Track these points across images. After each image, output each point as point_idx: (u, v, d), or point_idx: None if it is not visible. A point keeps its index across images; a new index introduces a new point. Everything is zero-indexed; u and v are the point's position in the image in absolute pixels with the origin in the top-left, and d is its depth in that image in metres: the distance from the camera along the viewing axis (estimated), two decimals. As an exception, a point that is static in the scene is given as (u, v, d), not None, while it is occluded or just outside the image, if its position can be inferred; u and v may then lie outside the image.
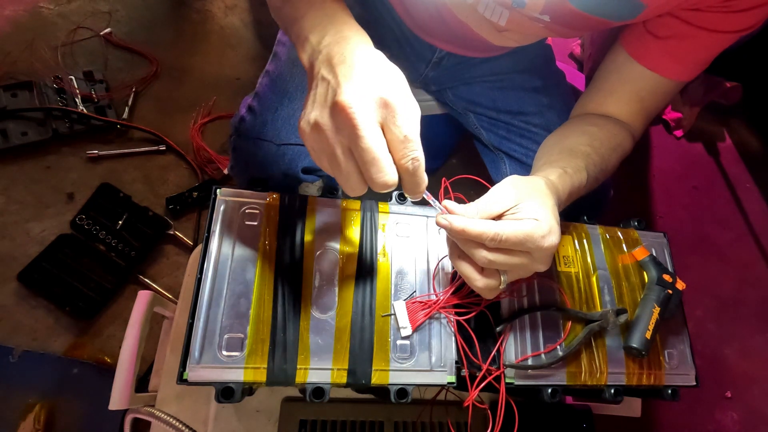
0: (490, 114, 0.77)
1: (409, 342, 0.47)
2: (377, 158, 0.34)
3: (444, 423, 0.58)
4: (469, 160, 1.27)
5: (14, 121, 1.02)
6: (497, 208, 0.43)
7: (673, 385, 0.54)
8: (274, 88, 0.65)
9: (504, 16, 0.57)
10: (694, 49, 0.56)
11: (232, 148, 0.65)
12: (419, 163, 0.36)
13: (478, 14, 0.58)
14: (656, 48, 0.57)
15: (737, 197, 1.50)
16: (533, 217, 0.41)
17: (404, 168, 0.36)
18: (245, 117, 0.64)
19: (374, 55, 0.39)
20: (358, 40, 0.40)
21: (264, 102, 0.64)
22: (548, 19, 0.54)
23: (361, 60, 0.38)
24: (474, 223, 0.40)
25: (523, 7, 0.53)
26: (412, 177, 0.36)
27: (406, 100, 0.36)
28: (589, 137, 0.57)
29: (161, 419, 0.51)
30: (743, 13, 0.50)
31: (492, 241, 0.40)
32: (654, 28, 0.56)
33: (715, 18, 0.52)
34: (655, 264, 0.57)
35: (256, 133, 0.62)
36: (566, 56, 1.53)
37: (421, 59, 0.74)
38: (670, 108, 1.54)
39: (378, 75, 0.37)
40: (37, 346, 0.92)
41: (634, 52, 0.59)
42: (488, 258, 0.41)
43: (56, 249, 0.97)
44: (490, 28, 0.61)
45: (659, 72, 0.58)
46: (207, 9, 1.33)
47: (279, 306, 0.45)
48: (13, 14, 1.17)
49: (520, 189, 0.44)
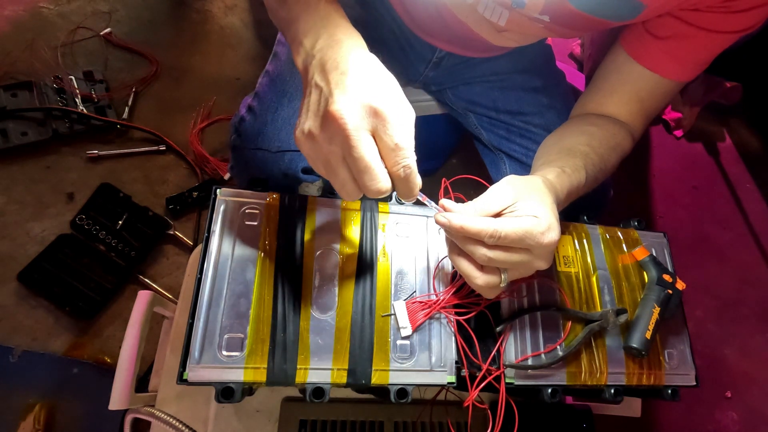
0: (490, 114, 0.77)
1: (409, 342, 0.47)
2: (369, 167, 0.35)
3: (444, 423, 0.58)
4: (469, 160, 1.27)
5: (14, 121, 1.02)
6: (495, 206, 0.43)
7: (673, 385, 0.54)
8: (273, 88, 0.65)
9: (504, 17, 0.57)
10: (694, 50, 0.55)
11: (231, 148, 0.65)
12: (411, 171, 0.37)
13: (477, 14, 0.58)
14: (656, 48, 0.57)
15: (737, 197, 1.50)
16: (532, 214, 0.41)
17: (396, 175, 0.37)
18: (245, 117, 0.64)
19: (366, 61, 0.39)
20: (352, 43, 0.40)
21: (264, 102, 0.64)
22: (548, 19, 0.54)
23: (353, 66, 0.38)
24: (472, 220, 0.40)
25: (523, 7, 0.53)
26: (405, 183, 0.37)
27: (396, 107, 0.37)
28: (588, 137, 0.57)
29: (161, 419, 0.51)
30: (743, 14, 0.50)
31: (491, 238, 0.40)
32: (654, 29, 0.56)
33: (715, 18, 0.51)
34: (655, 264, 0.57)
35: (256, 133, 0.63)
36: (566, 56, 1.53)
37: (420, 59, 0.74)
38: (670, 108, 1.54)
39: (368, 82, 0.37)
40: (37, 346, 0.92)
41: (634, 52, 0.59)
42: (488, 255, 0.41)
43: (56, 249, 0.97)
44: (489, 29, 0.61)
45: (659, 72, 0.58)
46: (207, 9, 1.33)
47: (279, 306, 0.45)
48: (13, 14, 1.17)
49: (517, 187, 0.44)
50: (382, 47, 0.73)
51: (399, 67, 0.77)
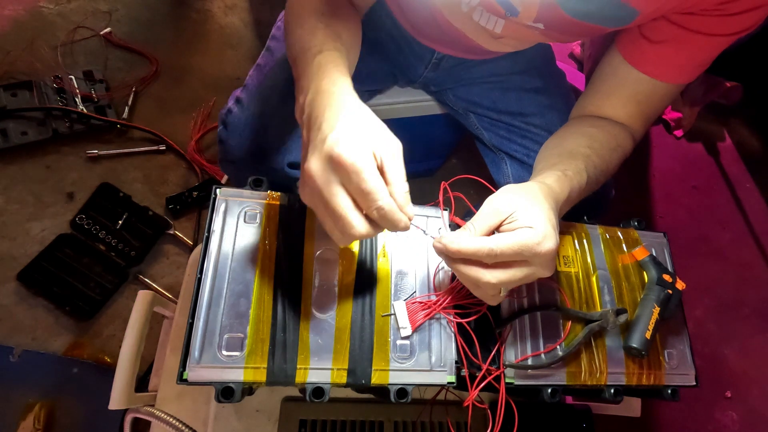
0: (491, 115, 0.77)
1: (409, 342, 0.47)
2: (342, 216, 0.38)
3: (444, 423, 0.58)
4: (469, 160, 1.27)
5: (14, 120, 1.02)
6: (494, 220, 0.43)
7: (673, 385, 0.54)
8: (263, 81, 0.66)
9: (499, 25, 0.57)
10: (691, 53, 0.54)
11: (219, 140, 0.65)
12: (385, 211, 0.37)
13: (473, 22, 0.58)
14: (652, 52, 0.56)
15: (737, 197, 1.50)
16: (527, 225, 0.41)
17: (373, 217, 0.38)
18: (233, 109, 0.65)
19: (341, 111, 0.40)
20: (334, 92, 0.42)
21: (252, 94, 0.65)
22: (542, 26, 0.53)
23: (326, 120, 0.40)
24: (468, 242, 0.40)
25: (517, 15, 0.53)
26: (385, 222, 0.38)
27: (360, 155, 0.37)
28: (589, 139, 0.57)
29: (161, 419, 0.51)
30: (739, 16, 0.49)
31: (489, 257, 0.40)
32: (649, 33, 0.55)
33: (710, 21, 0.50)
34: (655, 264, 0.57)
35: (243, 125, 0.63)
36: (566, 56, 1.53)
37: (420, 60, 0.74)
38: (670, 108, 1.54)
39: (338, 135, 0.38)
40: (37, 345, 0.92)
41: (630, 56, 0.58)
42: (490, 281, 0.41)
43: (56, 249, 0.97)
44: (486, 36, 0.61)
45: (655, 76, 0.57)
46: (207, 9, 1.33)
47: (279, 306, 0.45)
48: (13, 14, 1.17)
49: (514, 197, 0.44)
50: (382, 49, 0.73)
51: (399, 68, 0.77)
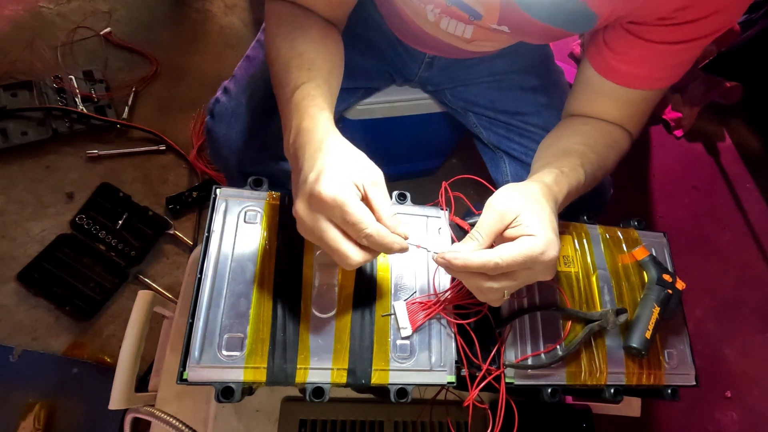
0: (489, 114, 0.77)
1: (409, 342, 0.47)
2: (335, 248, 0.39)
3: (444, 423, 0.58)
4: (469, 160, 1.27)
5: (14, 120, 1.02)
6: (498, 226, 0.43)
7: (673, 385, 0.54)
8: (251, 71, 0.66)
9: (468, 30, 0.57)
10: (657, 61, 0.52)
11: (206, 131, 0.65)
12: (374, 237, 0.38)
13: (442, 30, 0.59)
14: (617, 63, 0.54)
15: (737, 197, 1.50)
16: (529, 233, 0.41)
17: (365, 245, 0.39)
18: (220, 98, 0.65)
19: (319, 149, 0.41)
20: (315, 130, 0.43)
21: (240, 84, 0.65)
22: (507, 30, 0.53)
23: (307, 159, 0.41)
24: (473, 257, 0.40)
25: (480, 19, 0.53)
26: (377, 247, 0.39)
27: (333, 191, 0.38)
28: (584, 136, 0.56)
29: (161, 419, 0.51)
30: (694, 24, 0.46)
31: (494, 270, 0.40)
32: (611, 42, 0.53)
33: (660, 31, 0.48)
34: (655, 264, 0.57)
35: (229, 114, 0.63)
36: (566, 56, 1.53)
37: (413, 60, 0.75)
38: (670, 108, 1.54)
39: (317, 174, 0.39)
40: (37, 345, 0.92)
41: (598, 67, 0.56)
42: (494, 288, 0.41)
43: (56, 249, 0.97)
44: (459, 41, 0.61)
45: (627, 85, 0.55)
46: (207, 9, 1.33)
47: (279, 306, 0.45)
48: (13, 14, 1.17)
49: (516, 200, 0.44)
50: (378, 48, 0.74)
51: (394, 67, 0.77)
